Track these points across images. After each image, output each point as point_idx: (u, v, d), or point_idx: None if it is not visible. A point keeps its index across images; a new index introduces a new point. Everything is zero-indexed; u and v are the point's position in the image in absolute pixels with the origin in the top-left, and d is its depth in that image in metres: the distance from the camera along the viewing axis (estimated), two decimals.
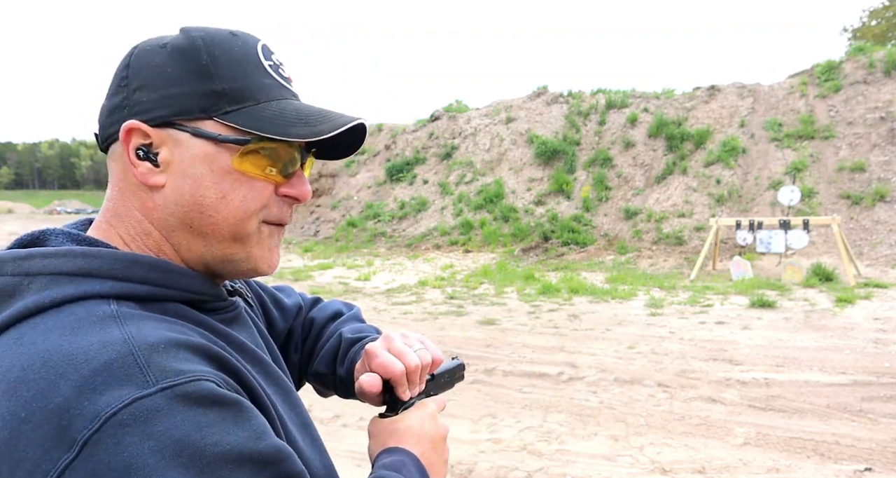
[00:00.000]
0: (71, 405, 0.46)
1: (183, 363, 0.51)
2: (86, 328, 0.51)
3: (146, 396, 0.47)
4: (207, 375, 0.52)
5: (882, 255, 11.39)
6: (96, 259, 0.58)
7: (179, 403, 0.48)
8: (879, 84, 14.72)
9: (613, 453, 3.68)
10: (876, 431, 3.90)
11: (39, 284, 0.55)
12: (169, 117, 0.61)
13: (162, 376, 0.48)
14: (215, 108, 0.61)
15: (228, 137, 0.61)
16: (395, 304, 9.05)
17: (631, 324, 7.27)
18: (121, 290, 0.57)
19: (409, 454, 0.75)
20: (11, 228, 32.07)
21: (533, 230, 15.77)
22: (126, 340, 0.50)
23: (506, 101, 20.84)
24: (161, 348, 0.51)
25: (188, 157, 0.61)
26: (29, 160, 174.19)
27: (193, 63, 0.61)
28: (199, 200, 0.62)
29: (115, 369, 0.48)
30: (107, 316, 0.53)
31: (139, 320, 0.54)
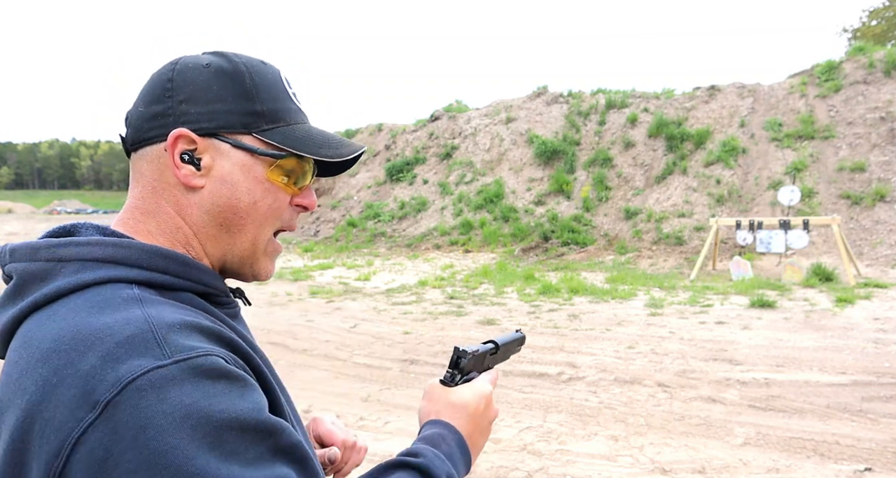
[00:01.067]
0: (96, 372, 0.52)
1: (195, 341, 0.57)
2: (111, 307, 0.58)
3: (162, 366, 0.52)
4: (217, 352, 0.57)
5: (882, 255, 11.39)
6: (124, 249, 0.65)
7: (191, 374, 0.53)
8: (879, 84, 14.72)
9: (613, 453, 3.68)
10: (876, 431, 3.90)
11: (72, 269, 0.62)
12: (214, 129, 0.70)
13: (177, 350, 0.54)
14: (255, 125, 0.71)
15: (266, 151, 0.71)
16: (395, 304, 9.05)
17: (631, 324, 7.27)
18: (144, 277, 0.64)
19: (453, 430, 0.79)
20: (11, 228, 32.06)
21: (533, 230, 15.77)
22: (146, 319, 0.56)
23: (506, 101, 20.84)
24: (177, 328, 0.57)
25: (228, 165, 0.70)
26: (29, 160, 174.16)
27: (238, 85, 0.71)
28: (235, 203, 0.71)
29: (136, 342, 0.54)
30: (130, 298, 0.60)
31: (158, 304, 0.60)
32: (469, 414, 0.81)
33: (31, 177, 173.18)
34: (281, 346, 6.51)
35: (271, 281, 11.66)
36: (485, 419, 0.84)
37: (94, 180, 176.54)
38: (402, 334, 6.98)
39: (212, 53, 0.74)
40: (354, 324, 7.62)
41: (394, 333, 7.03)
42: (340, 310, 8.64)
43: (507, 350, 0.97)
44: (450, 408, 0.81)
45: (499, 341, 0.94)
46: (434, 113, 22.01)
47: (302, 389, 4.98)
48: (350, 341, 6.69)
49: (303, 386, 5.07)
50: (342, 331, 7.24)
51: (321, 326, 7.48)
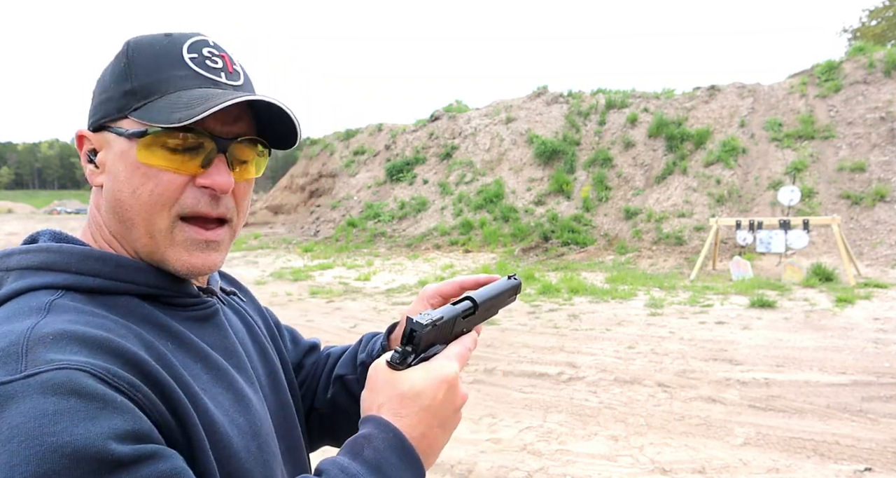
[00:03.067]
0: None
1: (62, 353, 0.51)
2: (16, 318, 0.56)
3: (7, 382, 0.48)
4: (83, 365, 0.51)
5: (882, 255, 11.39)
6: (55, 254, 0.64)
7: (36, 390, 0.48)
8: (879, 84, 14.72)
9: (613, 453, 3.68)
10: (876, 431, 3.90)
11: (13, 278, 0.63)
12: (101, 121, 0.67)
13: (33, 364, 0.50)
14: (128, 106, 0.65)
15: (130, 130, 0.65)
16: (395, 304, 9.04)
17: (631, 324, 7.26)
18: (73, 282, 0.62)
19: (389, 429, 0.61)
20: (11, 228, 32.04)
21: (533, 230, 15.77)
22: (25, 330, 0.53)
23: (506, 101, 20.84)
24: (50, 339, 0.53)
25: (112, 156, 0.67)
26: (29, 160, 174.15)
27: (118, 66, 0.67)
28: (118, 196, 0.66)
29: (1, 355, 0.51)
30: (38, 307, 0.58)
31: (63, 312, 0.57)
32: (422, 406, 0.62)
33: (31, 177, 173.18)
34: None
35: (271, 281, 11.66)
36: (446, 409, 0.64)
37: None
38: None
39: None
40: (354, 324, 7.62)
41: None
42: (340, 310, 8.63)
43: (493, 305, 0.75)
44: (395, 399, 0.62)
45: (477, 297, 0.72)
46: (434, 113, 22.01)
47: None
48: (350, 342, 6.68)
49: None
50: (342, 331, 7.24)
51: (321, 327, 7.48)
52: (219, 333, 0.73)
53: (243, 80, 0.72)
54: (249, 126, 0.71)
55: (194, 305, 0.71)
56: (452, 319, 0.67)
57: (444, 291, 0.86)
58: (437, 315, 0.65)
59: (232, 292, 0.87)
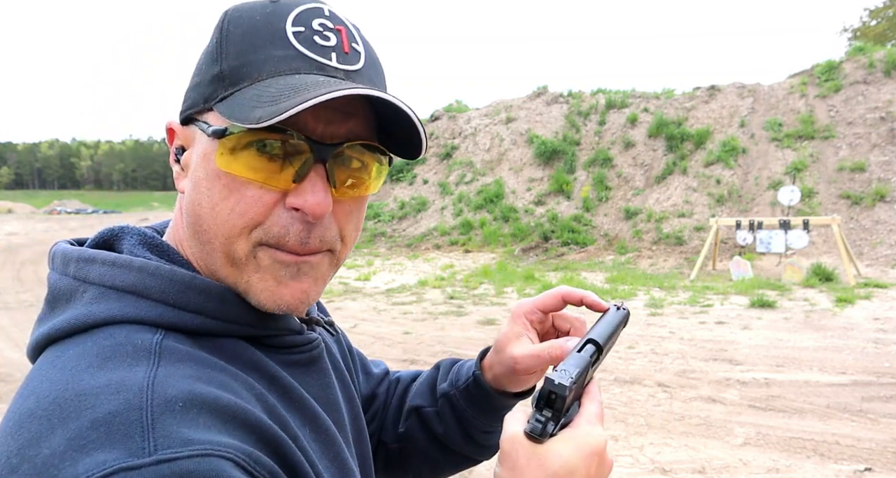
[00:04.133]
0: (54, 462, 0.38)
1: (197, 431, 0.41)
2: (115, 361, 0.44)
3: (134, 467, 0.37)
4: (225, 450, 0.40)
5: (882, 255, 11.39)
6: (151, 277, 0.50)
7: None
8: (879, 84, 14.72)
9: (613, 453, 3.68)
10: (876, 431, 3.90)
11: (91, 295, 0.50)
12: (188, 112, 0.54)
13: (164, 443, 0.39)
14: (215, 95, 0.51)
15: (211, 127, 0.51)
16: (395, 304, 9.05)
17: (631, 324, 7.24)
18: (170, 319, 0.49)
19: None
20: (11, 228, 32.05)
21: (533, 230, 15.78)
22: (144, 388, 0.41)
23: (506, 101, 20.85)
24: (179, 407, 0.41)
25: (195, 157, 0.53)
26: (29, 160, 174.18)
27: (212, 43, 0.53)
28: (197, 209, 0.53)
29: (117, 423, 0.39)
30: (143, 348, 0.46)
31: (177, 362, 0.46)
32: None
33: (31, 177, 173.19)
34: None
35: None
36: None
37: (94, 180, 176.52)
38: (403, 334, 6.97)
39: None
40: (354, 324, 7.62)
41: (394, 333, 7.03)
42: (340, 310, 8.63)
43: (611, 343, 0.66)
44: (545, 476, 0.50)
45: (599, 339, 0.61)
46: (434, 113, 22.01)
47: None
48: (352, 341, 6.69)
49: None
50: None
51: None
52: (322, 381, 0.61)
53: (363, 63, 0.55)
54: (365, 127, 0.54)
55: (299, 346, 0.58)
56: (587, 371, 0.57)
57: (544, 305, 0.72)
58: (575, 371, 0.55)
59: (330, 323, 0.72)
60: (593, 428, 0.54)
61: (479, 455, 0.83)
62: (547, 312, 0.73)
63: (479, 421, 0.78)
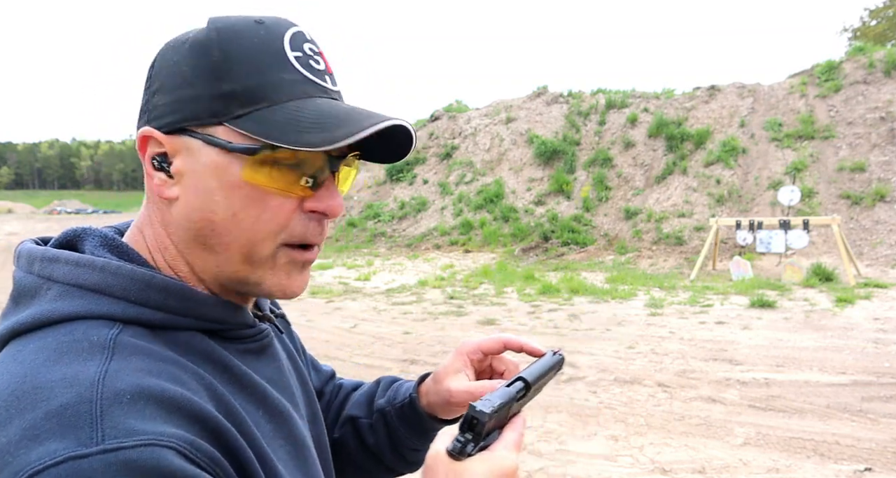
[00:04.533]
0: (10, 450, 0.41)
1: (143, 422, 0.43)
2: (72, 355, 0.47)
3: (82, 456, 0.40)
4: (167, 440, 0.43)
5: (882, 255, 11.39)
6: (113, 276, 0.54)
7: (118, 471, 0.40)
8: (879, 84, 14.72)
9: (613, 453, 3.68)
10: (876, 431, 3.90)
11: (55, 293, 0.53)
12: (181, 123, 0.56)
13: (111, 434, 0.42)
14: (226, 111, 0.55)
15: (238, 145, 0.55)
16: (395, 304, 9.05)
17: (631, 324, 7.27)
18: (132, 314, 0.53)
19: None
20: (11, 228, 32.06)
21: (533, 230, 15.78)
22: (95, 381, 0.45)
23: (506, 101, 20.85)
24: (126, 399, 0.44)
25: (199, 167, 0.56)
26: (29, 160, 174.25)
27: (206, 60, 0.55)
28: (210, 217, 0.56)
29: (68, 416, 0.42)
30: (99, 344, 0.49)
31: (130, 355, 0.49)
32: None
33: (31, 177, 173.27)
34: None
35: None
36: None
37: (94, 180, 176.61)
38: (402, 334, 6.98)
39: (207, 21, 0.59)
40: (354, 324, 7.62)
41: (394, 334, 7.03)
42: (340, 310, 8.63)
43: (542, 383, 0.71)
44: None
45: (528, 377, 0.67)
46: (434, 113, 22.01)
47: None
48: (350, 341, 6.69)
49: None
50: (342, 331, 7.24)
51: (321, 326, 7.48)
52: (274, 365, 0.66)
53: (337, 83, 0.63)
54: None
55: (252, 337, 0.63)
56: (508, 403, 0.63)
57: (487, 348, 0.80)
58: (498, 402, 0.61)
59: (282, 315, 0.78)
60: (508, 453, 0.59)
61: (404, 470, 0.89)
62: (487, 354, 0.81)
63: (409, 440, 0.84)
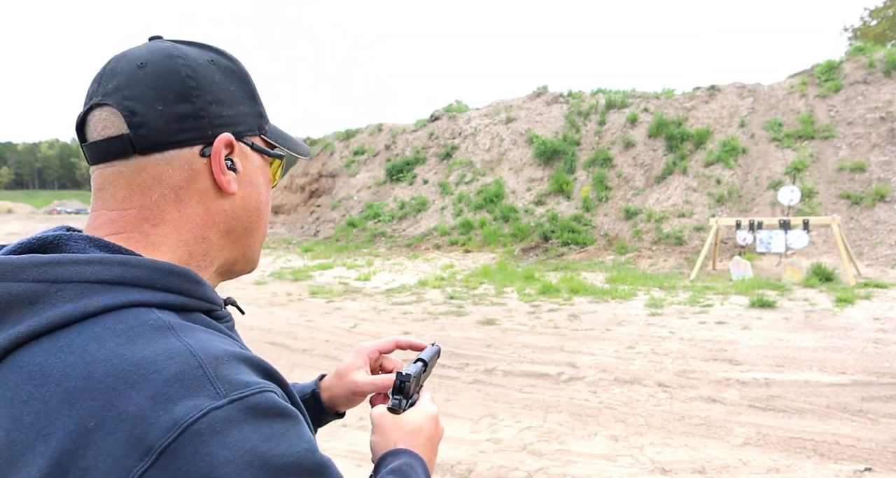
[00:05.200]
0: (145, 414, 0.47)
1: (246, 375, 0.53)
2: (142, 337, 0.52)
3: (219, 407, 0.48)
4: (269, 386, 0.54)
5: (882, 255, 11.39)
6: (135, 268, 0.58)
7: (248, 414, 0.50)
8: (879, 84, 14.72)
9: (613, 453, 3.68)
10: (876, 431, 3.90)
11: (72, 293, 0.54)
12: (244, 133, 0.70)
13: (231, 387, 0.50)
14: (259, 126, 0.72)
15: (272, 152, 0.74)
16: (395, 304, 9.04)
17: (631, 324, 7.26)
18: (160, 299, 0.58)
19: (417, 458, 0.76)
20: (11, 228, 32.06)
21: (533, 230, 15.77)
22: (192, 352, 0.52)
23: (506, 101, 20.84)
24: (225, 360, 0.53)
25: (252, 168, 0.71)
26: (29, 160, 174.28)
27: (247, 86, 0.71)
28: (259, 206, 0.73)
29: (188, 379, 0.49)
30: (160, 325, 0.54)
31: (190, 331, 0.55)
32: (424, 438, 0.80)
33: (31, 177, 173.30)
34: (281, 346, 6.51)
35: (271, 281, 11.67)
36: (436, 439, 0.83)
37: None
38: (403, 334, 6.97)
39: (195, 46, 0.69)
40: (354, 324, 7.62)
41: (394, 334, 7.03)
42: (340, 310, 8.63)
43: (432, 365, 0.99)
44: (406, 436, 0.79)
45: (425, 358, 0.94)
46: (434, 113, 22.01)
47: None
48: (350, 341, 6.69)
49: None
50: (342, 331, 7.24)
51: (321, 327, 7.48)
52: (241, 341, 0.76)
53: None
54: None
55: (226, 318, 0.71)
56: (419, 373, 0.89)
57: (382, 347, 0.99)
58: (414, 370, 0.86)
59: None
60: (430, 404, 0.85)
61: None
62: (383, 352, 1.00)
63: None
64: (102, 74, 0.66)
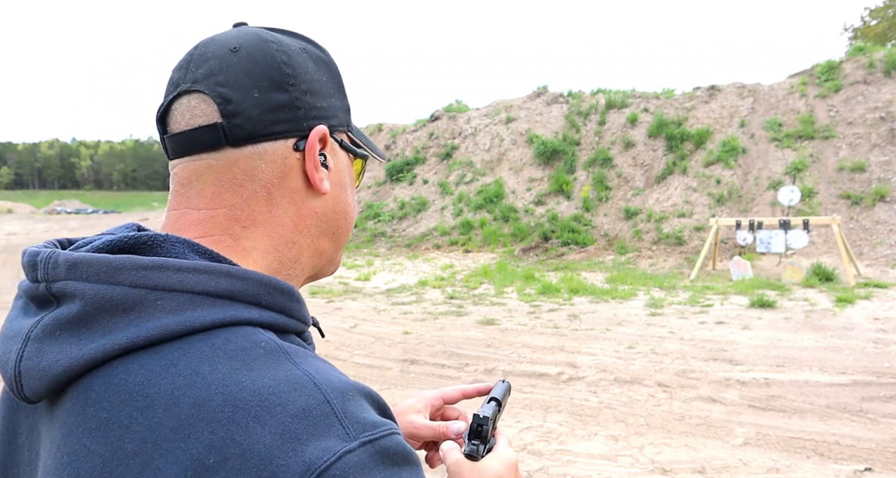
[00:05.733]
0: (273, 454, 0.42)
1: (370, 413, 0.48)
2: (258, 362, 0.47)
3: (351, 450, 0.44)
4: (397, 428, 0.49)
5: (882, 255, 11.39)
6: (241, 281, 0.52)
7: (380, 460, 0.45)
8: (879, 84, 14.72)
9: (613, 453, 3.68)
10: (876, 431, 3.90)
11: (173, 303, 0.48)
12: (336, 127, 0.63)
13: (360, 428, 0.46)
14: (347, 122, 0.66)
15: (360, 151, 0.68)
16: (395, 304, 9.05)
17: (631, 324, 7.26)
18: (266, 318, 0.52)
19: None
20: (11, 227, 32.05)
21: (533, 230, 15.78)
22: (315, 384, 0.46)
23: (506, 101, 20.85)
24: (350, 396, 0.47)
25: (342, 166, 0.65)
26: (29, 160, 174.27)
27: (337, 78, 0.66)
28: (346, 208, 0.66)
29: (315, 417, 0.44)
30: (274, 349, 0.49)
31: (304, 357, 0.50)
32: None
33: (31, 177, 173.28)
34: None
35: None
36: None
37: (94, 180, 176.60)
38: (402, 334, 6.98)
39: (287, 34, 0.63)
40: (354, 324, 7.62)
41: (394, 334, 7.03)
42: (340, 310, 8.64)
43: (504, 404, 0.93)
44: None
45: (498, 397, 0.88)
46: (434, 113, 22.01)
47: None
48: (350, 341, 6.69)
49: None
50: (342, 331, 7.24)
51: (321, 326, 7.48)
52: None
53: None
54: None
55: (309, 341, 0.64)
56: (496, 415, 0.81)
57: (447, 396, 0.90)
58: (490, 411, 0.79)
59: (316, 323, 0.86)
60: (510, 450, 0.74)
61: None
62: (447, 402, 0.90)
63: None
64: (190, 60, 0.59)
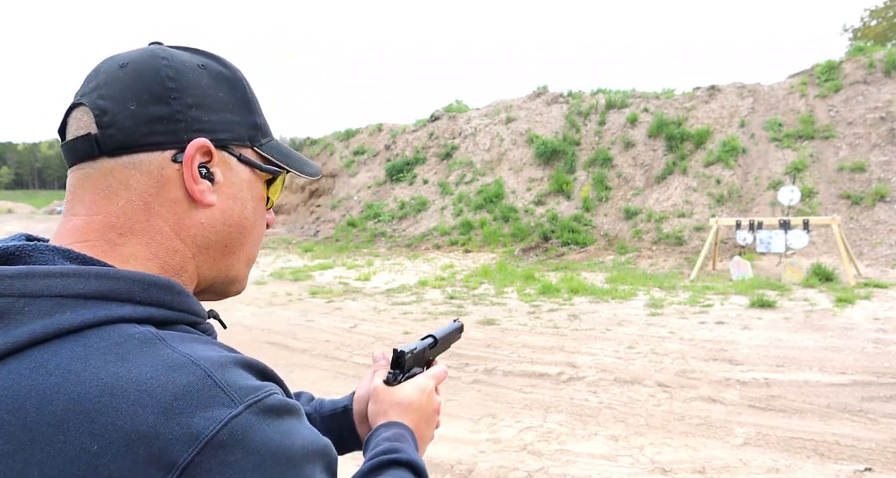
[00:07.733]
0: (159, 432, 0.44)
1: (251, 380, 0.53)
2: (133, 353, 0.49)
3: (237, 415, 0.48)
4: (276, 388, 0.54)
5: (882, 255, 11.39)
6: (113, 281, 0.53)
7: (265, 416, 0.50)
8: (879, 84, 14.72)
9: (613, 453, 3.68)
10: (876, 431, 3.90)
11: (43, 308, 0.49)
12: (228, 142, 0.65)
13: (244, 393, 0.50)
14: (255, 139, 0.68)
15: (268, 167, 0.69)
16: (395, 304, 9.04)
17: (631, 324, 7.26)
18: (140, 314, 0.53)
19: (407, 428, 0.81)
20: (11, 227, 32.03)
21: (533, 230, 15.77)
22: (194, 361, 0.49)
23: (506, 101, 20.84)
24: (229, 366, 0.51)
25: (237, 181, 0.66)
26: (29, 160, 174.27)
27: (241, 94, 0.67)
28: (244, 223, 0.67)
29: (197, 391, 0.47)
30: (148, 338, 0.51)
31: (181, 340, 0.52)
32: (414, 409, 0.83)
33: (31, 177, 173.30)
34: (281, 346, 6.51)
35: (271, 281, 11.67)
36: (428, 410, 0.86)
37: None
38: (403, 334, 6.97)
39: (190, 52, 0.66)
40: (354, 324, 7.62)
41: (394, 334, 7.03)
42: (340, 310, 8.63)
43: (447, 341, 1.03)
44: (396, 407, 0.83)
45: (437, 335, 0.98)
46: (434, 113, 22.01)
47: (301, 388, 4.98)
48: (350, 341, 6.69)
49: (302, 386, 5.07)
50: (342, 331, 7.24)
51: (321, 327, 7.48)
52: None
53: None
54: None
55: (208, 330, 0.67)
56: (423, 349, 0.93)
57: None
58: (413, 346, 0.91)
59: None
60: (427, 379, 0.88)
61: None
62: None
63: None
64: (88, 76, 0.63)
